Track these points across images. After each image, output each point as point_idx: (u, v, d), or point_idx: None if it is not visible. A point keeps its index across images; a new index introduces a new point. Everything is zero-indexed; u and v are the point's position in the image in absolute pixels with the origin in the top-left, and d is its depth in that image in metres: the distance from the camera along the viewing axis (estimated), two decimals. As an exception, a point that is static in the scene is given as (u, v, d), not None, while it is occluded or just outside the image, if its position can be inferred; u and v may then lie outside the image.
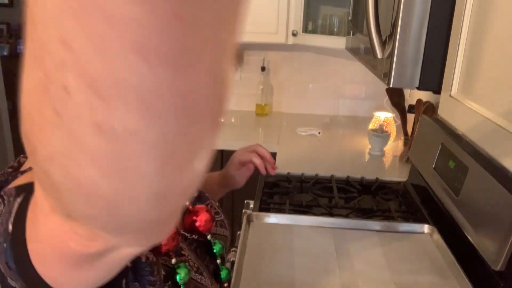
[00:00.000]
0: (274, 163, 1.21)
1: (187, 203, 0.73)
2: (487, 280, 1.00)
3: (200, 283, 0.66)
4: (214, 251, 0.73)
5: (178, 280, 0.59)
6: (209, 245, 0.74)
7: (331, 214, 1.39)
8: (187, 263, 0.65)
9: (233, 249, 1.27)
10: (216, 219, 0.80)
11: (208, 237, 0.73)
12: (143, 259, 0.55)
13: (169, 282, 0.59)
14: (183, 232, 0.71)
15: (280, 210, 1.41)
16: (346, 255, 1.15)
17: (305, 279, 1.03)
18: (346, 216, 1.39)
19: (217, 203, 0.85)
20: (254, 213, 1.32)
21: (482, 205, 1.12)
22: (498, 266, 0.98)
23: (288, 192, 1.56)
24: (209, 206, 0.80)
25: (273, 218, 1.31)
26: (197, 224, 0.71)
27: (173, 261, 0.60)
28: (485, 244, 1.05)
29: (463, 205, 1.21)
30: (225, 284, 0.75)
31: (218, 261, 0.74)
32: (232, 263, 1.06)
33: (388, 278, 1.06)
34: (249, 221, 1.29)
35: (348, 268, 1.10)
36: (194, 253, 0.70)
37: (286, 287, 1.00)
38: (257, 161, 1.18)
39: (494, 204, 1.06)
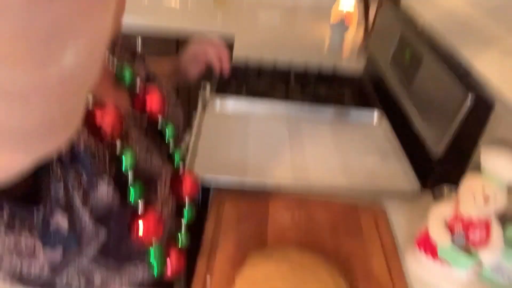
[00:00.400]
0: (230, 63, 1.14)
1: (138, 82, 0.70)
2: (426, 164, 1.08)
3: (150, 163, 0.66)
4: (166, 133, 0.72)
5: (124, 166, 0.58)
6: (161, 127, 0.73)
7: (287, 100, 1.40)
8: (134, 148, 0.64)
9: (188, 131, 1.28)
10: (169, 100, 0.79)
11: (160, 118, 0.72)
12: (82, 148, 0.53)
13: (114, 169, 0.57)
14: (133, 114, 0.69)
15: (236, 94, 1.41)
16: (298, 139, 1.19)
17: (258, 162, 1.07)
18: (301, 102, 1.40)
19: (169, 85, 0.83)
20: (211, 96, 1.31)
21: (432, 94, 1.16)
22: (438, 151, 1.05)
23: (245, 77, 1.54)
24: (160, 86, 0.78)
25: (229, 103, 1.31)
26: (148, 104, 0.69)
27: (118, 145, 0.58)
28: (429, 132, 1.11)
29: (414, 94, 1.25)
30: (179, 166, 0.75)
31: (171, 142, 0.74)
32: (187, 144, 1.08)
33: (335, 159, 1.12)
34: (205, 104, 1.29)
35: (299, 151, 1.14)
36: (146, 136, 0.69)
37: (239, 169, 1.04)
38: (213, 55, 1.12)
39: (443, 94, 1.10)
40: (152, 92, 0.70)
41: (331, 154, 1.14)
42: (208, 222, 0.89)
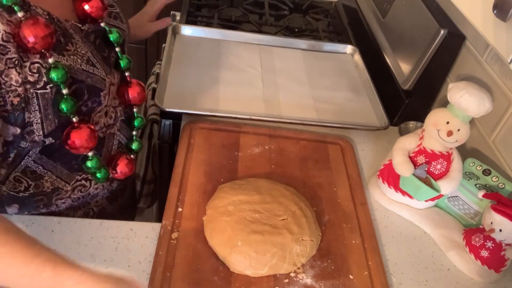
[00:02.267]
0: None
1: None
2: (396, 98, 1.10)
3: (93, 74, 0.67)
4: (111, 39, 0.72)
5: (54, 79, 0.59)
6: (106, 34, 0.72)
7: (260, 31, 1.37)
8: (74, 57, 0.64)
9: (158, 61, 1.24)
10: (111, 10, 0.78)
11: (102, 24, 0.71)
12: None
13: (44, 80, 0.59)
14: (75, 23, 0.68)
15: (208, 24, 1.36)
16: (270, 71, 1.18)
17: (229, 92, 1.06)
18: (275, 33, 1.37)
19: None
20: (181, 25, 1.25)
21: (405, 28, 1.16)
22: (407, 86, 1.07)
23: (217, 6, 1.48)
24: None
25: (200, 32, 1.26)
26: (88, 10, 0.68)
27: (50, 60, 0.59)
28: (400, 66, 1.12)
29: (387, 27, 1.24)
30: (126, 74, 0.76)
31: (117, 49, 0.74)
32: (157, 75, 1.05)
33: (307, 93, 1.12)
34: (174, 33, 1.24)
35: (271, 82, 1.13)
36: (92, 45, 0.70)
37: (210, 99, 1.03)
38: None
39: (416, 28, 1.09)
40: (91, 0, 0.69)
41: (302, 88, 1.14)
42: (179, 154, 0.89)
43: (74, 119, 0.65)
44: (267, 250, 0.70)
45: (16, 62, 0.57)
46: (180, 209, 0.78)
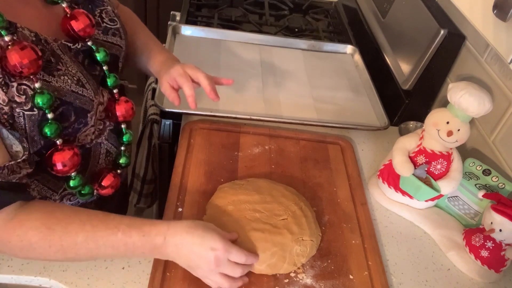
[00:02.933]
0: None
1: (64, 5, 0.66)
2: (396, 98, 1.10)
3: (82, 95, 0.65)
4: (98, 58, 0.70)
5: (39, 104, 0.58)
6: (92, 52, 0.70)
7: (260, 31, 1.37)
8: (64, 77, 0.63)
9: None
10: (110, 26, 0.75)
11: (89, 43, 0.68)
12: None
13: (31, 105, 0.58)
14: (65, 42, 0.65)
15: (208, 24, 1.36)
16: (270, 71, 1.18)
17: (229, 92, 1.06)
18: (275, 33, 1.37)
19: (115, 11, 0.78)
20: (181, 25, 1.26)
21: (405, 28, 1.16)
22: (407, 86, 1.07)
23: (217, 6, 1.48)
24: (102, 12, 0.74)
25: (200, 32, 1.26)
26: (75, 28, 0.66)
27: (37, 85, 0.58)
28: (400, 66, 1.12)
29: (387, 27, 1.24)
30: (115, 91, 0.74)
31: (105, 67, 0.71)
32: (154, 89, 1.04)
33: (307, 93, 1.12)
34: (174, 33, 1.24)
35: (271, 82, 1.13)
36: (81, 65, 0.68)
37: (210, 100, 1.03)
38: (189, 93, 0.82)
39: (416, 29, 1.09)
40: (79, 16, 0.66)
41: (303, 88, 1.14)
42: (179, 154, 0.89)
43: (58, 142, 0.64)
44: (267, 248, 0.70)
45: (2, 82, 0.56)
46: (180, 209, 0.78)
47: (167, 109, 0.96)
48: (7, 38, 0.56)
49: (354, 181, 0.91)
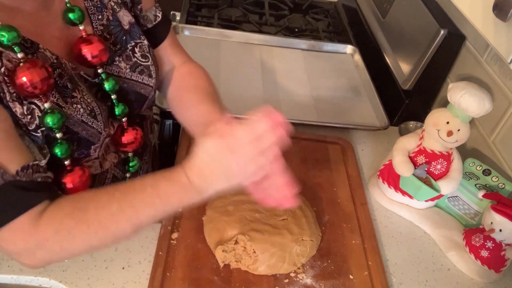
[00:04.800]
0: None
1: (81, 28, 0.64)
2: (396, 98, 1.10)
3: (91, 126, 0.64)
4: (106, 88, 0.67)
5: (49, 124, 0.57)
6: (99, 81, 0.67)
7: (260, 31, 1.37)
8: (77, 105, 0.61)
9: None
10: (140, 62, 0.72)
11: (100, 70, 0.66)
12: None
13: (36, 123, 0.57)
14: (83, 74, 0.64)
15: (208, 24, 1.36)
16: (270, 71, 1.18)
17: (229, 92, 1.06)
18: (275, 33, 1.37)
19: (150, 48, 0.74)
20: (181, 25, 1.26)
21: (405, 28, 1.16)
22: (407, 86, 1.07)
23: (217, 5, 1.48)
24: (136, 46, 0.71)
25: (200, 32, 1.26)
26: (84, 52, 0.63)
27: (46, 105, 0.57)
28: (400, 66, 1.12)
29: (387, 27, 1.24)
30: (123, 120, 0.71)
31: (113, 96, 0.68)
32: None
33: (307, 93, 1.12)
34: (175, 33, 1.24)
35: (271, 83, 1.13)
36: (94, 96, 0.66)
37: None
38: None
39: (416, 28, 1.09)
40: (93, 41, 0.64)
41: (302, 88, 1.14)
42: (179, 154, 0.89)
43: (66, 162, 0.62)
44: (267, 249, 0.70)
45: (18, 96, 0.55)
46: (180, 209, 0.78)
47: (167, 109, 0.96)
48: (19, 55, 0.55)
49: (354, 181, 0.91)
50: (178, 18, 1.38)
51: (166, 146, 1.10)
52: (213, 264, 0.70)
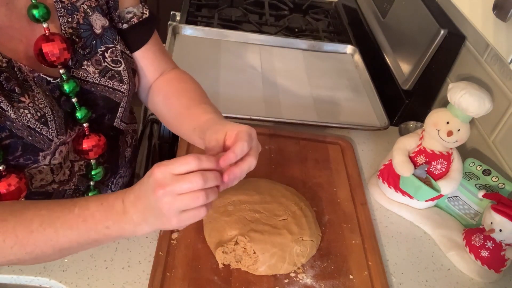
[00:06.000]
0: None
1: (45, 25, 0.61)
2: (396, 98, 1.10)
3: (39, 133, 0.60)
4: (66, 90, 0.63)
5: None
6: (62, 84, 0.64)
7: (260, 31, 1.37)
8: (25, 110, 0.58)
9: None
10: (111, 67, 0.69)
11: (61, 71, 0.62)
12: None
13: None
14: (44, 76, 0.61)
15: (208, 24, 1.36)
16: (270, 71, 1.18)
17: (229, 92, 1.06)
18: (275, 34, 1.37)
19: (127, 51, 0.71)
20: (181, 25, 1.26)
21: (405, 28, 1.16)
22: (407, 86, 1.07)
23: (217, 5, 1.48)
24: (107, 51, 0.68)
25: (200, 32, 1.26)
26: (45, 51, 0.60)
27: None
28: (400, 66, 1.12)
29: (387, 27, 1.24)
30: (85, 125, 0.68)
31: (74, 100, 0.65)
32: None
33: (307, 93, 1.12)
34: (175, 33, 1.24)
35: (271, 82, 1.13)
36: (55, 100, 0.63)
37: (210, 99, 1.03)
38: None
39: (416, 28, 1.09)
40: (54, 40, 0.60)
41: (302, 88, 1.14)
42: (179, 154, 0.89)
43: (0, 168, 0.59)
44: (267, 249, 0.70)
45: None
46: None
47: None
48: None
49: (354, 181, 0.91)
50: (178, 18, 1.38)
51: (166, 146, 1.09)
52: (213, 264, 0.70)
